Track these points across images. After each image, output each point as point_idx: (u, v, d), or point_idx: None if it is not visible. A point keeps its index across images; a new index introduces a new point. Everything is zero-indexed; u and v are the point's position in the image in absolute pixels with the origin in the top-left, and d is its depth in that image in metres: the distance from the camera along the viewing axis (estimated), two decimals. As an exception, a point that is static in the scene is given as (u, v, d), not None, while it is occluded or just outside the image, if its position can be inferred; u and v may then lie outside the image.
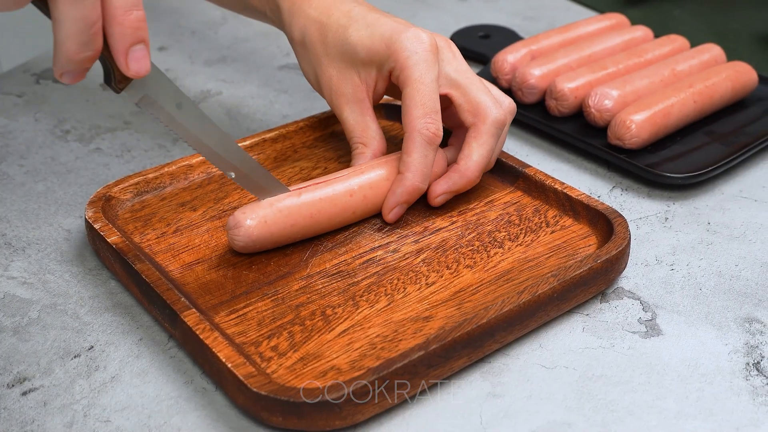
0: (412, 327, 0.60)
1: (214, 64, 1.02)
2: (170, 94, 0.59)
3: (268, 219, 0.64)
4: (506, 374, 0.59)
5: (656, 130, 0.80)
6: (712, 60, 0.90)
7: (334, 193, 0.67)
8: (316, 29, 0.72)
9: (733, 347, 0.61)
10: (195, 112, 0.61)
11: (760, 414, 0.56)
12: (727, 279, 0.68)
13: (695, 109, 0.83)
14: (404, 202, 0.69)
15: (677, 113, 0.81)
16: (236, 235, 0.63)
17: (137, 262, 0.63)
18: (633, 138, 0.78)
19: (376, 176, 0.69)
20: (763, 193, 0.78)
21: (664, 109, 0.80)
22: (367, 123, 0.72)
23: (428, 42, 0.69)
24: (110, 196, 0.71)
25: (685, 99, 0.82)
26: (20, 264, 0.68)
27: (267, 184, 0.66)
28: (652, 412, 0.56)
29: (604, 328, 0.63)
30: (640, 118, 0.79)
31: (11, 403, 0.56)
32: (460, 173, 0.70)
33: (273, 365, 0.57)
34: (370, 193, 0.68)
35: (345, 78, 0.72)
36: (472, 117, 0.70)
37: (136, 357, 0.60)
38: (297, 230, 0.65)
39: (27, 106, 0.92)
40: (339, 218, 0.67)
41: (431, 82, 0.69)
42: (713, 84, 0.85)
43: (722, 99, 0.86)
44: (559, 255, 0.67)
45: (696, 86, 0.83)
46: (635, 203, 0.77)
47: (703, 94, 0.83)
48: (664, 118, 0.80)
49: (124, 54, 0.53)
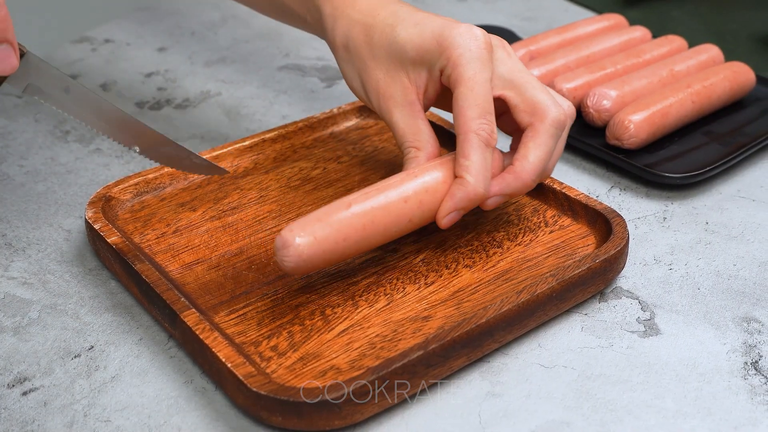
0: (411, 327, 0.60)
1: (214, 64, 1.02)
2: (55, 80, 0.60)
3: (318, 235, 0.58)
4: (505, 374, 0.59)
5: (654, 130, 0.80)
6: (710, 60, 0.90)
7: (387, 200, 0.61)
8: (361, 31, 0.68)
9: (731, 346, 0.61)
10: (85, 93, 0.62)
11: (758, 413, 0.56)
12: (726, 278, 0.68)
13: (693, 110, 0.83)
14: (462, 209, 0.63)
15: (675, 113, 0.81)
16: (286, 256, 0.58)
17: (137, 262, 0.63)
18: (631, 138, 0.78)
19: (431, 179, 0.63)
20: (761, 192, 0.78)
21: (662, 110, 0.80)
22: (419, 126, 0.67)
23: (482, 39, 0.65)
24: (110, 196, 0.71)
25: (684, 99, 0.82)
26: (20, 264, 0.68)
27: (178, 153, 0.66)
28: (651, 411, 0.56)
29: (602, 328, 0.63)
30: (638, 119, 0.79)
31: (11, 403, 0.56)
32: (515, 175, 0.64)
33: (272, 365, 0.57)
34: (426, 198, 0.62)
35: (393, 80, 0.67)
36: (529, 117, 0.65)
37: (136, 357, 0.60)
38: (350, 245, 0.59)
39: (27, 107, 0.92)
40: (394, 228, 0.61)
41: (485, 82, 0.64)
42: (711, 84, 0.85)
43: (720, 99, 0.86)
44: (558, 255, 0.67)
45: (694, 86, 0.83)
46: (634, 203, 0.77)
47: (702, 95, 0.83)
48: (662, 118, 0.80)
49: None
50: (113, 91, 0.95)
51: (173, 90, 0.96)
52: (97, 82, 0.97)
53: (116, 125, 0.63)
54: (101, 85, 0.96)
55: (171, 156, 0.66)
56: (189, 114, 0.91)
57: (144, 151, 0.64)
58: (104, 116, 0.63)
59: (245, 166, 0.77)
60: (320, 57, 1.03)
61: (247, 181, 0.75)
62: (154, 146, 0.65)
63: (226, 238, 0.68)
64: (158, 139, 0.65)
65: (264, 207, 0.72)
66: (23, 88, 0.59)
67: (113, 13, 1.18)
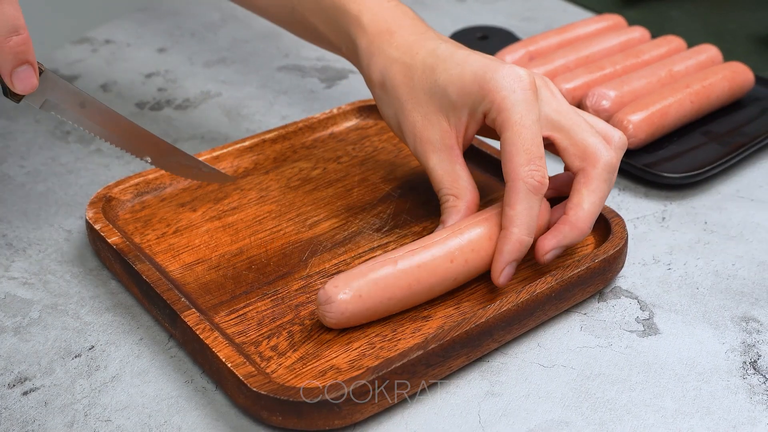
0: (410, 326, 0.60)
1: (214, 65, 1.02)
2: (71, 95, 0.63)
3: (363, 292, 0.57)
4: (505, 373, 0.59)
5: (653, 130, 0.80)
6: (708, 60, 0.90)
7: (433, 259, 0.59)
8: (400, 71, 0.66)
9: (730, 346, 0.61)
10: (99, 107, 0.64)
11: (756, 412, 0.56)
12: (724, 278, 0.68)
13: (692, 110, 0.83)
14: (514, 260, 0.61)
15: (674, 113, 0.81)
16: (328, 311, 0.57)
17: (137, 262, 0.63)
18: (630, 138, 0.78)
19: (476, 236, 0.61)
20: (759, 192, 0.78)
21: (661, 110, 0.80)
22: (457, 172, 0.65)
23: (527, 80, 0.62)
24: (110, 196, 0.71)
25: (682, 99, 0.82)
26: (21, 264, 0.68)
27: (188, 162, 0.69)
28: (650, 410, 0.56)
29: (601, 327, 0.63)
30: (637, 119, 0.79)
31: (12, 402, 0.56)
32: (570, 225, 0.62)
33: (273, 365, 0.57)
34: (471, 257, 0.60)
35: (432, 123, 0.65)
36: (581, 161, 0.63)
37: (136, 357, 0.60)
38: (394, 303, 0.59)
39: (27, 107, 0.92)
40: (439, 287, 0.60)
41: (533, 125, 0.61)
42: (710, 84, 0.85)
43: (719, 99, 0.86)
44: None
45: (693, 86, 0.83)
46: (632, 203, 0.77)
47: (700, 95, 0.83)
48: (661, 118, 0.80)
49: (9, 76, 0.58)
50: (113, 92, 0.95)
51: (173, 90, 0.96)
52: (97, 83, 0.97)
53: (129, 137, 0.66)
54: (101, 86, 0.96)
55: (181, 166, 0.70)
56: (189, 114, 0.91)
57: (156, 162, 0.67)
58: (118, 129, 0.66)
59: (245, 167, 0.77)
60: (320, 57, 1.03)
61: (247, 181, 0.75)
62: (165, 156, 0.68)
63: (226, 239, 0.68)
64: (169, 149, 0.68)
65: (264, 207, 0.72)
66: (41, 104, 0.62)
67: (113, 13, 1.18)
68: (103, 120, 0.65)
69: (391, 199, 0.73)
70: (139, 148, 0.67)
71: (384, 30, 0.68)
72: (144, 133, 0.67)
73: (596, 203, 0.63)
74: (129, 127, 0.66)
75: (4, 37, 0.56)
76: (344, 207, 0.72)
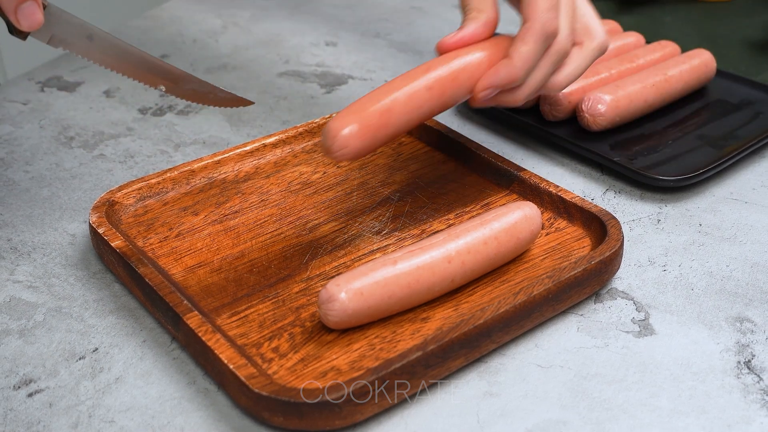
0: (410, 328, 0.60)
1: (215, 71, 1.02)
2: (78, 28, 0.61)
3: (364, 291, 0.58)
4: (502, 374, 0.59)
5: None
6: (702, 65, 0.90)
7: (432, 260, 0.60)
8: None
9: (724, 346, 0.61)
10: (108, 39, 0.63)
11: (751, 411, 0.56)
12: (719, 279, 0.68)
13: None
14: (498, 86, 0.66)
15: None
16: (330, 310, 0.57)
17: (140, 265, 0.63)
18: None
19: (473, 239, 0.62)
20: (753, 195, 0.78)
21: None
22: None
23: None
24: (114, 201, 0.71)
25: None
26: (26, 268, 0.68)
27: (202, 88, 0.67)
28: (646, 410, 0.56)
29: (598, 328, 0.63)
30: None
31: (17, 404, 0.56)
32: (503, 65, 0.66)
33: (274, 366, 0.57)
34: (468, 259, 0.62)
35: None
36: (525, 16, 0.66)
37: (139, 359, 0.60)
38: (394, 302, 0.59)
39: (32, 113, 0.92)
40: (438, 288, 0.61)
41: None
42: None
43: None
44: (554, 256, 0.67)
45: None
46: (628, 205, 0.77)
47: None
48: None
49: (14, 13, 0.57)
50: (116, 97, 0.95)
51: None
52: (101, 89, 0.97)
53: (140, 67, 0.64)
54: (105, 92, 0.96)
55: (196, 92, 0.67)
56: (191, 120, 0.91)
57: (169, 90, 0.65)
58: (128, 59, 0.64)
59: (246, 171, 0.77)
60: (319, 63, 1.03)
61: (249, 185, 0.75)
62: (179, 84, 0.66)
63: (227, 242, 0.68)
64: (183, 76, 0.66)
65: (265, 211, 0.72)
66: (47, 39, 0.60)
67: (116, 21, 1.18)
68: (113, 51, 0.63)
69: (389, 203, 0.73)
70: (152, 77, 0.65)
71: None
72: (156, 62, 0.65)
73: (529, 52, 0.65)
74: (140, 57, 0.64)
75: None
76: (344, 210, 0.73)
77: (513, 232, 0.64)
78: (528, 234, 0.65)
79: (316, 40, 1.10)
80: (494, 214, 0.64)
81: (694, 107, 0.90)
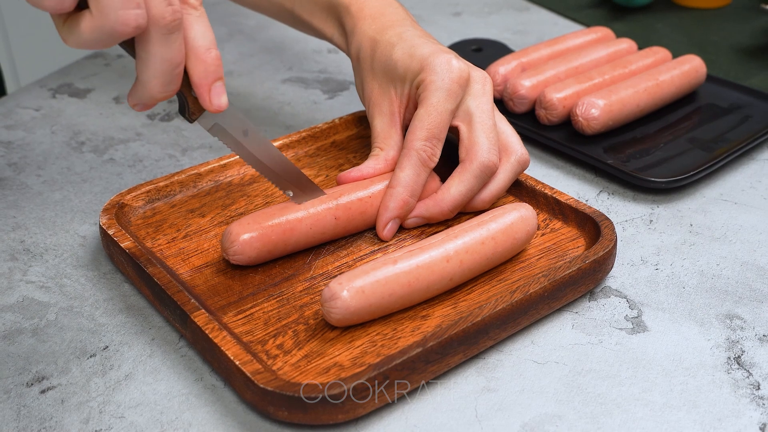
0: (410, 325, 0.60)
1: (221, 78, 1.02)
2: (238, 122, 0.61)
3: (366, 289, 0.58)
4: (500, 369, 0.59)
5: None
6: (693, 70, 0.90)
7: (431, 259, 0.61)
8: (369, 45, 0.72)
9: (715, 342, 0.61)
10: (259, 138, 0.62)
11: (740, 405, 0.56)
12: (709, 278, 0.68)
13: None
14: (397, 217, 0.68)
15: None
16: (333, 307, 0.58)
17: (149, 265, 0.63)
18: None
19: (470, 239, 0.63)
20: (742, 196, 0.78)
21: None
22: (391, 133, 0.71)
23: (458, 72, 0.68)
24: (123, 203, 0.71)
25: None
26: (38, 269, 0.69)
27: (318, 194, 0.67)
28: (639, 404, 0.56)
29: (592, 325, 0.63)
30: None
31: (30, 401, 0.56)
32: (435, 202, 0.68)
33: (279, 362, 0.57)
34: (466, 258, 0.62)
35: (384, 92, 0.72)
36: (465, 154, 0.68)
37: (148, 356, 0.60)
38: (395, 300, 0.59)
39: (44, 119, 0.92)
40: (437, 286, 0.61)
41: (445, 112, 0.67)
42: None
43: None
44: (550, 256, 0.67)
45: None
46: (621, 206, 0.77)
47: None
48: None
49: (207, 90, 0.54)
50: (125, 104, 0.95)
51: (183, 102, 0.96)
52: (110, 95, 0.97)
53: (277, 169, 0.64)
54: (114, 98, 0.96)
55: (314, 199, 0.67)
56: (198, 125, 0.91)
57: (295, 196, 0.66)
58: (270, 162, 0.64)
59: (252, 174, 0.77)
60: (322, 70, 1.04)
61: (254, 188, 0.75)
62: (305, 193, 0.66)
63: (233, 243, 0.68)
64: (310, 187, 0.66)
65: (269, 213, 0.72)
66: (210, 126, 0.59)
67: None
68: (259, 150, 0.63)
69: (390, 205, 0.73)
70: (284, 183, 0.65)
71: (367, 15, 0.75)
72: (292, 169, 0.65)
73: (462, 192, 0.68)
74: (280, 161, 0.64)
75: (206, 48, 0.53)
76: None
77: (510, 232, 0.64)
78: (524, 234, 0.65)
79: (319, 47, 1.10)
80: (491, 215, 0.65)
81: (685, 111, 0.90)
